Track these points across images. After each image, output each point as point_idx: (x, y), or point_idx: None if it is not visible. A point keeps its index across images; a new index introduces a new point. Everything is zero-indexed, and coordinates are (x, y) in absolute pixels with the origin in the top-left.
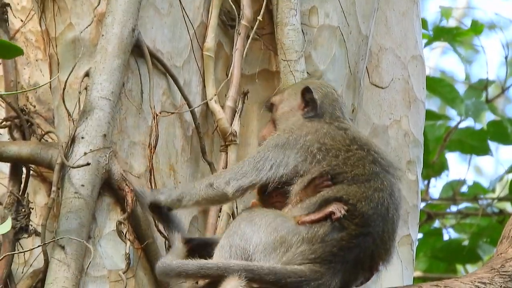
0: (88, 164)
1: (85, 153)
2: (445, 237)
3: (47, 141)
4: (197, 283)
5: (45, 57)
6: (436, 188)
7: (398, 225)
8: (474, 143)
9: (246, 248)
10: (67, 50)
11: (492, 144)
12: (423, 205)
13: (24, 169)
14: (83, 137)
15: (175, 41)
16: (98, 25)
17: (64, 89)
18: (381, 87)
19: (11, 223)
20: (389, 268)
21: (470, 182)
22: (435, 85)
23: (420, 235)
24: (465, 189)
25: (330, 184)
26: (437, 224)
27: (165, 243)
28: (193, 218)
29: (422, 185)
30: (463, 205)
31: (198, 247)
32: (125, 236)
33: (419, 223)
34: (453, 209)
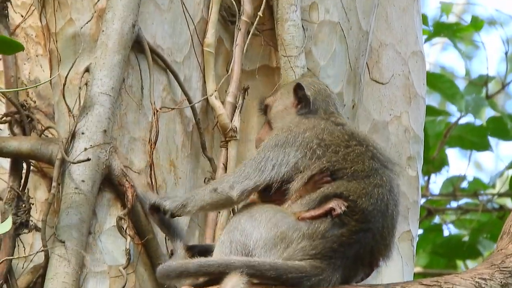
0: (88, 159)
1: (85, 149)
2: (445, 233)
3: (47, 136)
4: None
5: (45, 52)
6: (436, 184)
7: (397, 221)
8: (474, 139)
9: (246, 243)
10: (67, 45)
11: (492, 140)
12: (423, 201)
13: (24, 165)
14: (83, 133)
15: (176, 36)
16: (98, 20)
17: (64, 84)
18: (382, 83)
19: (12, 219)
20: (389, 264)
21: (470, 178)
22: (435, 81)
23: (420, 231)
24: (465, 185)
25: (329, 180)
26: (437, 220)
27: (165, 238)
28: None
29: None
30: (463, 201)
31: (200, 254)
32: (126, 231)
33: (419, 219)
34: (453, 205)
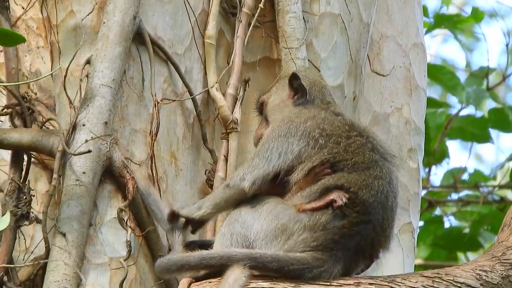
0: (89, 151)
1: (86, 141)
2: (446, 224)
3: (48, 128)
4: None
5: (46, 44)
6: (437, 175)
7: (396, 213)
8: (475, 130)
9: (247, 235)
10: (68, 37)
11: (493, 131)
12: (424, 192)
13: (25, 157)
14: (84, 125)
15: (177, 28)
16: (99, 12)
17: (65, 76)
18: (383, 75)
19: (13, 211)
20: (390, 256)
21: (471, 169)
22: (436, 73)
23: (421, 223)
24: (466, 176)
25: (330, 172)
26: (438, 211)
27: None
28: None
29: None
30: (464, 193)
31: (199, 248)
32: (126, 223)
33: (420, 211)
34: (454, 196)
